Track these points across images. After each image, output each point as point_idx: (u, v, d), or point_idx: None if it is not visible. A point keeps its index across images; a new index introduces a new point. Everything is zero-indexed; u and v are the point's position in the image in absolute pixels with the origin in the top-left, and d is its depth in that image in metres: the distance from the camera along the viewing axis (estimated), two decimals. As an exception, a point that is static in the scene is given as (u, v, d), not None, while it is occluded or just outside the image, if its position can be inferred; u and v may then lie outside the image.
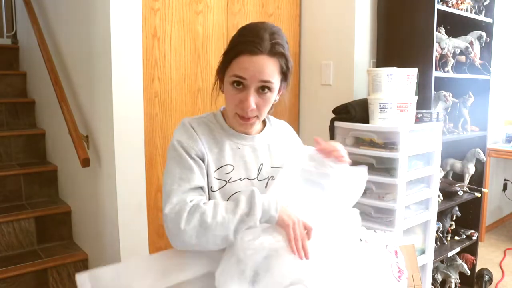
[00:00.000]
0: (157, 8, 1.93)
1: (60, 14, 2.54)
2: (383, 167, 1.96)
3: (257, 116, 1.10)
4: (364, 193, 2.00)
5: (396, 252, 1.14)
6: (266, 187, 1.14)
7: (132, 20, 1.83)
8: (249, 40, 1.03)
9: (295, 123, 2.52)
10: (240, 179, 1.12)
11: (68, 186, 2.63)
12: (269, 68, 1.04)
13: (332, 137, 2.15)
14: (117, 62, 1.80)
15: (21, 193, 2.67)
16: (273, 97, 1.09)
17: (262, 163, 1.15)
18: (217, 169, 1.10)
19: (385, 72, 1.95)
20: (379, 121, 1.96)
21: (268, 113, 1.18)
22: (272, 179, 1.15)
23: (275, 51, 1.04)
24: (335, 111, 2.16)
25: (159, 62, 1.96)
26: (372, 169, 1.99)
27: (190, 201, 1.00)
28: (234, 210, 0.98)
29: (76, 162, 2.09)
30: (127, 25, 1.82)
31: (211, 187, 1.09)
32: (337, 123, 2.11)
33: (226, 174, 1.10)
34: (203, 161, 1.08)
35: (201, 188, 1.05)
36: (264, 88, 1.05)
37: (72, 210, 2.55)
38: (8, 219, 2.37)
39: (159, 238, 1.99)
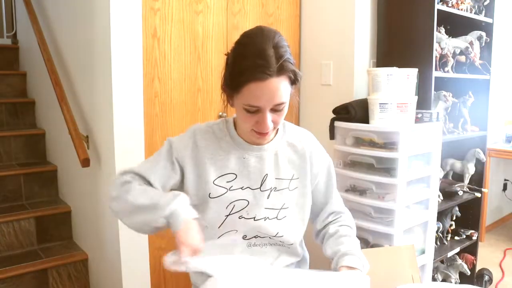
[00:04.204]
0: (157, 8, 1.93)
1: (60, 14, 2.54)
2: (383, 167, 1.96)
3: (274, 127, 1.08)
4: (364, 193, 2.02)
5: None
6: (268, 198, 1.14)
7: (132, 20, 1.83)
8: (255, 65, 0.98)
9: (295, 123, 2.51)
10: (241, 188, 1.13)
11: (68, 186, 2.63)
12: (281, 90, 1.01)
13: (332, 137, 2.15)
14: (117, 62, 1.80)
15: (21, 193, 2.67)
16: (287, 107, 1.07)
17: (267, 174, 1.15)
18: (219, 177, 1.12)
19: (385, 72, 1.95)
20: (379, 121, 1.96)
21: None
22: (275, 190, 1.15)
23: (284, 70, 1.00)
24: (335, 111, 2.16)
25: (159, 62, 1.96)
26: (372, 169, 1.99)
27: (129, 177, 1.09)
28: (152, 197, 1.03)
29: (76, 162, 2.08)
30: (127, 25, 1.81)
31: (209, 193, 1.12)
32: (337, 123, 2.11)
33: (228, 182, 1.13)
34: (182, 168, 1.13)
35: (149, 182, 1.10)
36: (278, 107, 1.04)
37: (72, 210, 2.55)
38: (8, 219, 2.36)
39: (159, 238, 1.98)
